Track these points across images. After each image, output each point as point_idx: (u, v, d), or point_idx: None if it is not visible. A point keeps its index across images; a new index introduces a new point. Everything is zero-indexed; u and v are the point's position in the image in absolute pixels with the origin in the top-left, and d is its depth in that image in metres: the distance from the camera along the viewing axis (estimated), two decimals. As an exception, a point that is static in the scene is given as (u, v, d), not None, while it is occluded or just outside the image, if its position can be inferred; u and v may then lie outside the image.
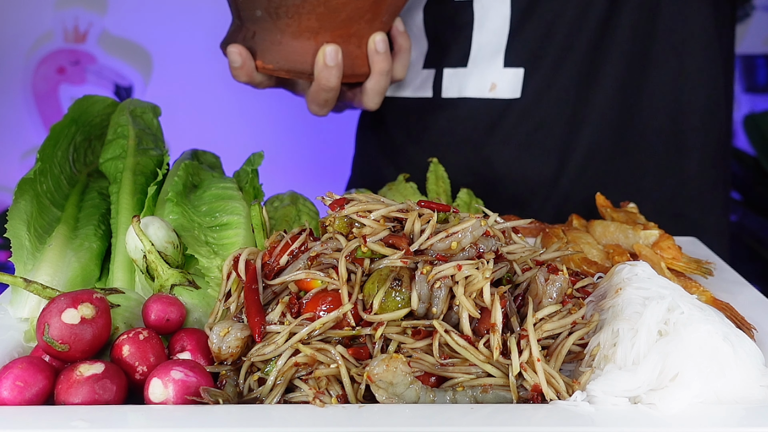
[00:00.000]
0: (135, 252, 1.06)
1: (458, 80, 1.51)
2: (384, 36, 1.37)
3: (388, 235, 0.95)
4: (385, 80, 1.41)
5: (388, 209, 0.98)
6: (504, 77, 1.48)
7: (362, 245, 0.94)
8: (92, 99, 1.41)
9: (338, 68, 1.33)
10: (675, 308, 0.93)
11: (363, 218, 0.97)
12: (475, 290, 0.90)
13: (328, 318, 0.91)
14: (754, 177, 3.10)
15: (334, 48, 1.32)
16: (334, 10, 1.29)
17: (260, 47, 1.35)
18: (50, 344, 0.89)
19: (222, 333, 0.93)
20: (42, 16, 3.33)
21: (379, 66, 1.38)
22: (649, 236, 1.21)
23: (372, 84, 1.41)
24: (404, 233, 0.96)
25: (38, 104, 3.42)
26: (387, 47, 1.37)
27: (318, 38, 1.33)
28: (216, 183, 1.23)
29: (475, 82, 1.50)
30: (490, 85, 1.49)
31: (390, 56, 1.39)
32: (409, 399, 0.87)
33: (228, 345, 0.92)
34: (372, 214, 0.97)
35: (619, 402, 0.86)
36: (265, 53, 1.35)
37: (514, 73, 1.48)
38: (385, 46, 1.37)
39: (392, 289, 0.91)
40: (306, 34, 1.32)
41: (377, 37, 1.36)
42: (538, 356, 0.87)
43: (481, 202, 1.39)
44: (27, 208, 1.14)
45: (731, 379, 0.87)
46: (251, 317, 0.95)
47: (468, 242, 0.94)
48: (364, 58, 1.38)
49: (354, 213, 0.98)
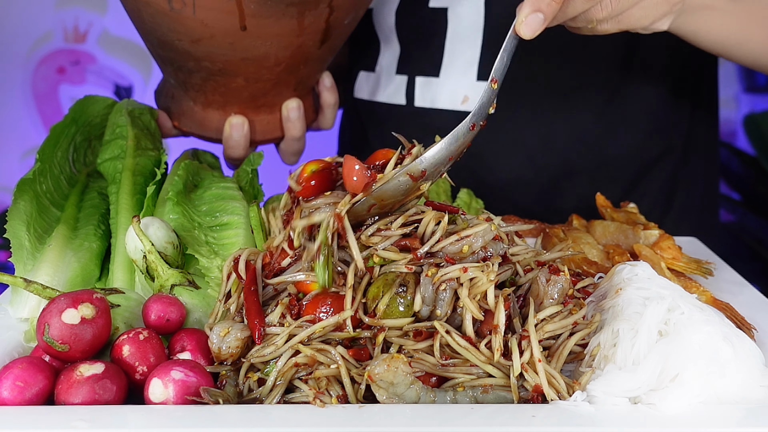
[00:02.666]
0: (135, 252, 1.06)
1: (431, 90, 1.48)
2: (297, 103, 1.37)
3: (400, 237, 0.95)
4: (298, 144, 1.42)
5: (406, 216, 0.97)
6: (477, 91, 1.44)
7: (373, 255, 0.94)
8: (92, 99, 1.41)
9: (245, 138, 1.36)
10: (675, 308, 0.93)
11: (387, 230, 0.96)
12: (480, 292, 0.90)
13: (328, 322, 0.92)
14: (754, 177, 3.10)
15: (240, 120, 1.35)
16: (235, 90, 1.32)
17: (176, 110, 1.41)
18: (50, 344, 0.89)
19: (222, 333, 0.93)
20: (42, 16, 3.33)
21: (291, 132, 1.39)
22: (649, 236, 1.21)
23: (286, 147, 1.43)
24: (417, 234, 0.96)
25: (38, 104, 3.42)
26: (300, 113, 1.37)
27: (226, 109, 1.36)
28: (216, 183, 1.23)
29: (448, 93, 1.47)
30: (462, 97, 1.46)
31: (304, 121, 1.39)
32: (410, 399, 0.87)
33: (228, 345, 0.92)
34: (393, 225, 0.96)
35: (619, 402, 0.86)
36: (180, 116, 1.41)
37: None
38: (298, 113, 1.37)
39: (397, 294, 0.91)
40: (214, 105, 1.36)
41: (290, 105, 1.37)
42: (539, 357, 0.87)
43: (481, 202, 1.39)
44: (26, 209, 1.14)
45: (731, 380, 0.87)
46: (251, 319, 0.95)
47: (479, 246, 0.94)
48: (277, 123, 1.39)
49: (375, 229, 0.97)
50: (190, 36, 1.22)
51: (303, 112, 1.38)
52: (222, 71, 1.28)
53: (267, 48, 1.24)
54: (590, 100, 1.47)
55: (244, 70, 1.27)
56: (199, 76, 1.30)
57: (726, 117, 3.40)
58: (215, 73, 1.28)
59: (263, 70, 1.28)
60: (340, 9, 1.23)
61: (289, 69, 1.30)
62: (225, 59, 1.25)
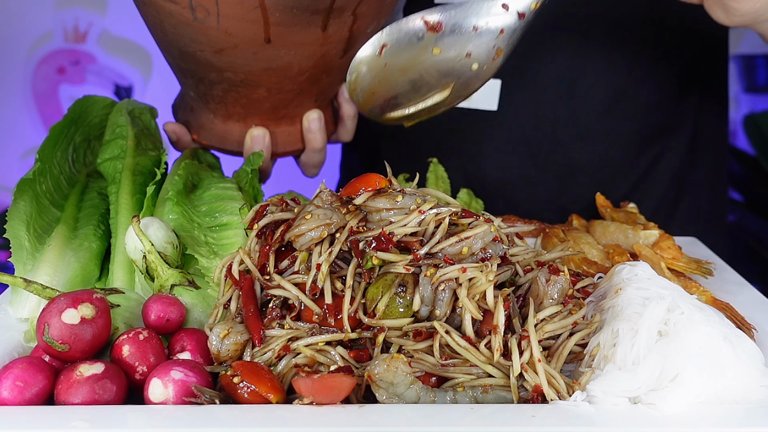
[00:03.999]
0: (135, 253, 1.06)
1: None
2: (318, 114, 1.35)
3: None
4: (319, 156, 1.40)
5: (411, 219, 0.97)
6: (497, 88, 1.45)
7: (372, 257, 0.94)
8: (92, 99, 1.41)
9: (266, 150, 1.34)
10: (675, 308, 0.93)
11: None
12: (479, 292, 0.90)
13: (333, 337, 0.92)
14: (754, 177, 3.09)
15: (261, 132, 1.33)
16: (257, 102, 1.31)
17: (195, 123, 1.39)
18: (50, 344, 0.89)
19: (222, 335, 0.93)
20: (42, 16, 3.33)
21: (312, 144, 1.37)
22: (649, 236, 1.21)
23: (306, 159, 1.41)
24: (417, 234, 0.96)
25: (38, 104, 3.42)
26: (321, 125, 1.36)
27: (247, 121, 1.35)
28: (216, 183, 1.23)
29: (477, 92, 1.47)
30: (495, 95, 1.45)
31: (324, 133, 1.37)
32: (410, 399, 0.87)
33: (227, 348, 0.93)
34: (408, 225, 0.96)
35: (619, 402, 0.86)
36: (199, 130, 1.38)
37: (490, 84, 1.44)
38: (319, 124, 1.35)
39: (396, 294, 0.91)
40: (235, 117, 1.35)
41: (311, 116, 1.35)
42: (539, 357, 0.87)
43: (481, 202, 1.39)
44: (26, 209, 1.14)
45: (731, 380, 0.87)
46: (250, 323, 0.95)
47: (479, 247, 0.94)
48: (298, 135, 1.38)
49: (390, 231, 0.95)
50: (213, 46, 1.20)
51: (324, 124, 1.37)
52: (244, 82, 1.26)
53: (290, 58, 1.22)
54: (596, 96, 1.47)
55: (266, 80, 1.26)
56: (221, 87, 1.29)
57: (726, 117, 3.40)
58: (237, 84, 1.27)
59: (286, 80, 1.27)
60: (363, 17, 1.22)
61: (311, 79, 1.28)
62: (247, 69, 1.24)
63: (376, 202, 0.96)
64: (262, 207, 1.02)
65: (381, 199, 0.96)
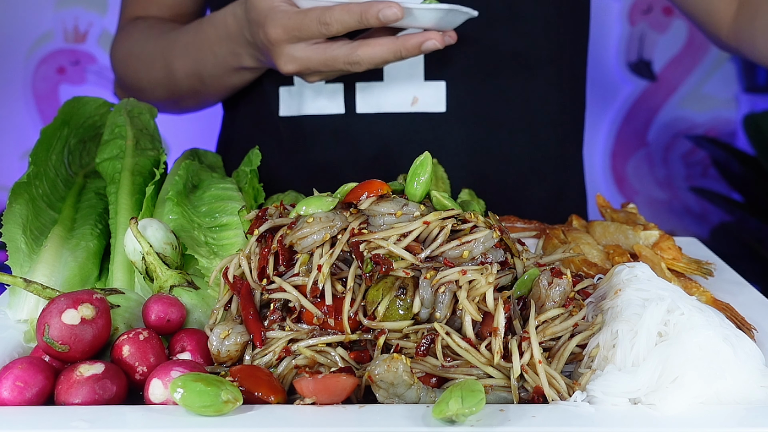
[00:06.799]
0: (134, 254, 1.05)
1: (374, 95, 1.43)
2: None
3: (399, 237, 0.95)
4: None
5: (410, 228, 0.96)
6: (426, 91, 1.43)
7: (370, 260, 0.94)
8: (83, 100, 1.39)
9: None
10: (674, 309, 0.93)
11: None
12: (479, 295, 0.90)
13: (333, 339, 0.92)
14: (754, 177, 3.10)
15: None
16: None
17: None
18: (50, 345, 0.89)
19: (222, 336, 0.93)
20: (42, 16, 3.33)
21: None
22: (649, 237, 1.21)
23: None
24: (419, 238, 0.96)
25: (38, 104, 3.42)
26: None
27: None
28: (215, 183, 1.23)
29: (394, 95, 1.43)
30: (411, 99, 1.43)
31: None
32: (410, 400, 0.87)
33: (227, 349, 0.93)
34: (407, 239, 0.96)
35: (619, 402, 0.86)
36: None
37: (436, 86, 1.43)
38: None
39: (397, 297, 0.91)
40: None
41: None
42: (539, 358, 0.87)
43: (482, 203, 1.39)
44: (22, 212, 1.13)
45: (732, 380, 0.87)
46: (250, 325, 0.95)
47: (479, 252, 0.95)
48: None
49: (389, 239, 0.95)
50: None
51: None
52: None
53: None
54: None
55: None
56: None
57: (726, 117, 3.40)
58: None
59: None
60: None
61: None
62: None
63: (380, 206, 0.97)
64: (263, 211, 1.02)
65: (385, 203, 0.97)
